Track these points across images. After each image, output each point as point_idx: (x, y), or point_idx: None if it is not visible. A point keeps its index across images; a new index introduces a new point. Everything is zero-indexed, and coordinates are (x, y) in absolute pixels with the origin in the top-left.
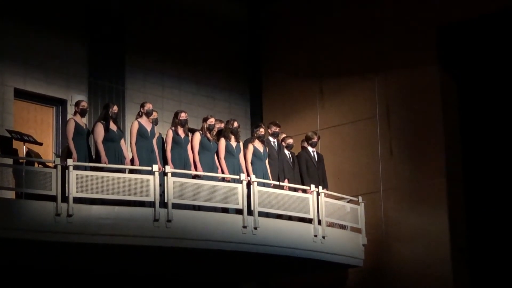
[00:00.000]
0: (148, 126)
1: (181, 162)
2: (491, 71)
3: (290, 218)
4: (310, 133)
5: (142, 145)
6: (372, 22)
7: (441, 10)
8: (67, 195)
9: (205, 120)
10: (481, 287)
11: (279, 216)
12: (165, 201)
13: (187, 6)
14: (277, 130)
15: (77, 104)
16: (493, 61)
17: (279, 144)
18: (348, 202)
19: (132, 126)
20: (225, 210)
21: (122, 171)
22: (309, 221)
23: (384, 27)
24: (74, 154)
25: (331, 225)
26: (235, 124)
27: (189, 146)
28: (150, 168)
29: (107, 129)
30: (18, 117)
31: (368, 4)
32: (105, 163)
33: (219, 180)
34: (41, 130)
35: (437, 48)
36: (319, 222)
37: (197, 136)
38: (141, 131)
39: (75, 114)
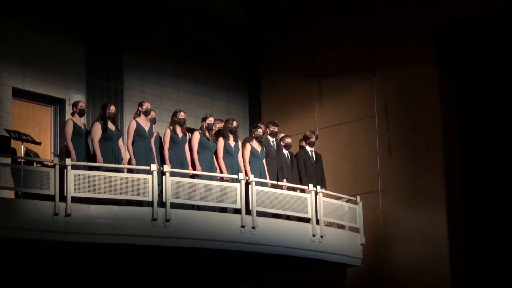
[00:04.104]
0: (146, 126)
1: (179, 161)
2: (489, 70)
3: (288, 217)
4: (308, 133)
5: (140, 144)
6: (370, 21)
7: (439, 9)
8: (65, 194)
9: (204, 119)
10: (479, 286)
11: (277, 216)
12: (163, 200)
13: (185, 5)
14: (276, 129)
15: (75, 104)
16: (491, 60)
17: (278, 144)
18: (346, 201)
19: (129, 125)
20: (223, 210)
21: (120, 170)
22: (307, 220)
23: (381, 26)
24: (73, 155)
25: (329, 224)
26: (234, 123)
27: (186, 146)
28: (148, 168)
29: (105, 128)
30: (17, 116)
31: (366, 3)
32: (99, 162)
33: (218, 180)
34: (40, 129)
35: (435, 47)
36: (317, 222)
37: (196, 136)
38: (139, 130)
39: (73, 114)
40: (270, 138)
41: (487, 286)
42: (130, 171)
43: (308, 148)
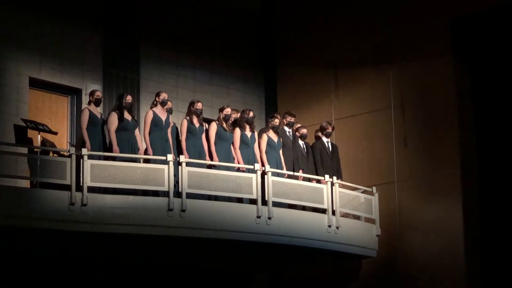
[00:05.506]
0: (163, 116)
1: (196, 151)
2: (505, 63)
3: (304, 208)
4: (324, 124)
5: (157, 134)
6: (386, 12)
7: (456, 1)
8: (81, 184)
9: (221, 110)
10: (494, 279)
11: (293, 206)
12: (179, 190)
13: None
14: (292, 120)
15: (92, 93)
16: (508, 52)
17: (294, 134)
18: (362, 192)
19: (146, 115)
20: (239, 200)
21: (136, 160)
22: (323, 211)
23: (399, 18)
24: (88, 144)
25: (345, 215)
26: (251, 114)
27: (203, 136)
28: (164, 158)
29: (121, 118)
30: (33, 106)
31: None
32: (116, 152)
33: (234, 170)
34: (56, 119)
35: (451, 39)
36: (333, 213)
37: (214, 126)
38: (156, 120)
39: (89, 103)
40: (286, 128)
41: (503, 279)
42: (146, 161)
43: (325, 139)
